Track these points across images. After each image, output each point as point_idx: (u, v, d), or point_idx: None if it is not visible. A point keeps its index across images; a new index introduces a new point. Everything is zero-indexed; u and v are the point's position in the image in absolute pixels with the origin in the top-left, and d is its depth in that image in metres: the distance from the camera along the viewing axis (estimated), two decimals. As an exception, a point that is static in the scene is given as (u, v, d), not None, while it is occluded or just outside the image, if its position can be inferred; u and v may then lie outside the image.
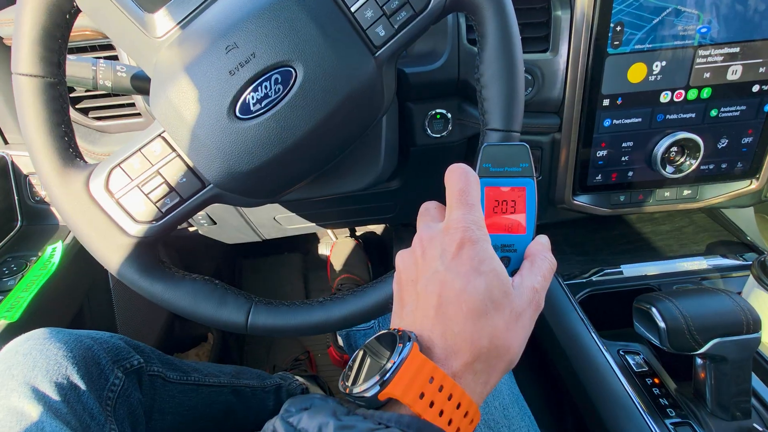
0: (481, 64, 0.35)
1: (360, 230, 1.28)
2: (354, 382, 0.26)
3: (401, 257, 0.30)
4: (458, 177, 0.29)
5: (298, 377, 0.82)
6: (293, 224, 0.83)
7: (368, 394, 0.25)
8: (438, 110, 0.59)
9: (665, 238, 0.67)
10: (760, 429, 0.41)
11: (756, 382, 0.46)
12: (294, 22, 0.33)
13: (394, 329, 0.27)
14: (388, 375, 0.24)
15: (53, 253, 0.55)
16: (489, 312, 0.26)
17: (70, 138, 0.36)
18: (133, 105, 0.57)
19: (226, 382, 0.60)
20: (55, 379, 0.36)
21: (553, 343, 0.55)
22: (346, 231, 1.26)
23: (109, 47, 0.54)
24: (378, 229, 1.30)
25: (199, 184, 0.36)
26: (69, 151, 0.36)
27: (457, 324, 0.26)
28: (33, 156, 0.35)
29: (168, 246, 0.92)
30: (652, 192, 0.60)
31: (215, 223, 0.79)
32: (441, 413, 0.24)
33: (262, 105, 0.33)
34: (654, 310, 0.43)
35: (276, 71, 0.33)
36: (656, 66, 0.51)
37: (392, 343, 0.26)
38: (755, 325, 0.40)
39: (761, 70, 0.51)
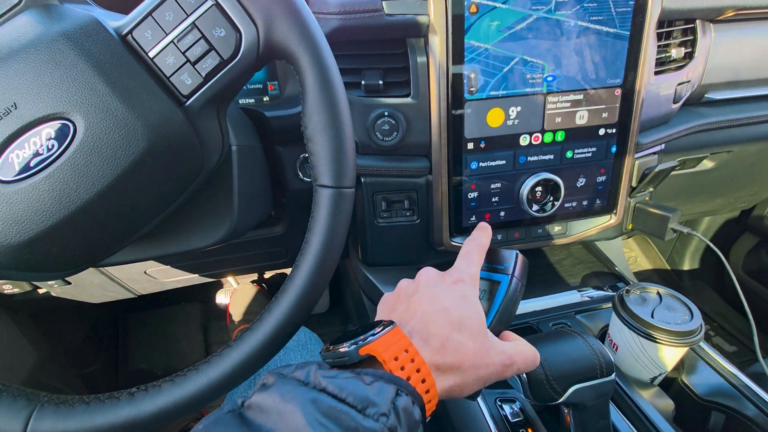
0: (304, 116, 0.32)
1: (269, 273, 1.20)
2: (338, 344, 0.30)
3: (404, 281, 0.38)
4: (476, 235, 0.41)
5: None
6: (171, 277, 0.74)
7: (350, 349, 0.29)
8: (306, 154, 0.56)
9: (546, 272, 0.69)
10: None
11: (618, 419, 0.46)
12: (69, 67, 0.28)
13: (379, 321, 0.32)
14: (370, 338, 0.29)
15: None
16: (463, 331, 0.31)
17: None
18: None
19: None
20: None
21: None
22: (252, 275, 1.18)
23: None
24: (288, 271, 1.23)
25: None
26: None
27: (435, 325, 0.31)
28: None
29: (16, 312, 0.78)
30: (527, 230, 0.61)
31: (69, 283, 0.68)
32: (408, 379, 0.28)
33: (31, 165, 0.28)
34: (516, 359, 0.41)
35: (46, 125, 0.28)
36: (512, 111, 0.53)
37: (377, 325, 0.31)
38: (608, 368, 0.40)
39: (604, 115, 0.55)
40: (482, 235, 0.41)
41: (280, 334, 0.33)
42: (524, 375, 0.40)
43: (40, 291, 0.70)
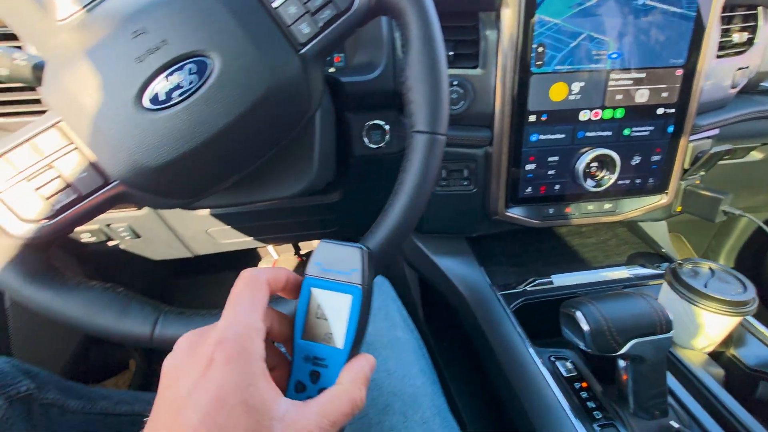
0: (406, 67, 0.35)
1: (305, 246, 1.25)
2: None
3: (168, 358, 0.25)
4: (238, 281, 0.26)
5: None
6: (228, 239, 0.79)
7: None
8: (375, 121, 0.59)
9: (592, 250, 0.71)
10: (676, 426, 0.43)
11: (672, 381, 0.48)
12: (210, 11, 0.31)
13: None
14: None
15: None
16: None
17: None
18: (37, 101, 0.52)
19: (140, 410, 0.53)
20: None
21: (487, 351, 0.55)
22: (290, 247, 1.22)
23: (13, 36, 0.50)
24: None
25: (101, 180, 0.33)
26: None
27: None
28: None
29: (83, 263, 0.83)
30: (578, 205, 0.63)
31: (139, 237, 0.73)
32: None
33: (174, 96, 0.31)
34: (578, 313, 0.44)
35: (190, 61, 0.31)
36: (575, 86, 0.55)
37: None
38: (667, 325, 0.42)
39: (664, 95, 0.57)
40: (244, 275, 0.27)
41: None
42: (588, 326, 0.43)
43: (110, 243, 0.75)
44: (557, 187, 0.61)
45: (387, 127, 0.59)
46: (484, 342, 0.56)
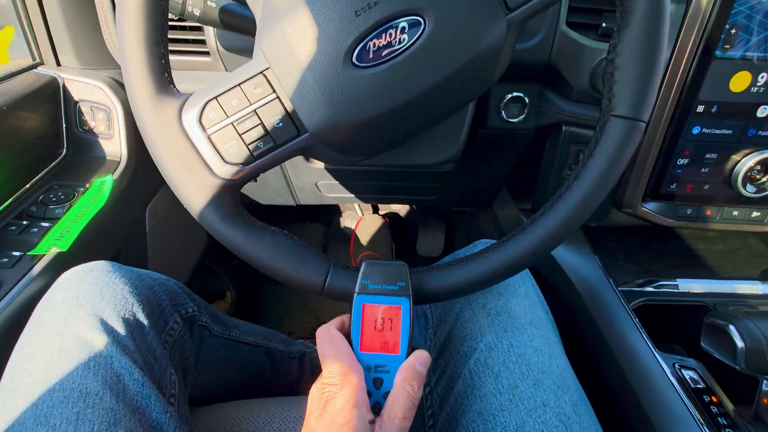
0: (620, 43, 0.32)
1: (383, 209, 1.26)
2: None
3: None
4: (318, 343, 0.34)
5: (318, 347, 0.81)
6: (333, 193, 0.81)
7: None
8: (516, 93, 0.56)
9: (719, 258, 0.66)
10: (822, 462, 0.40)
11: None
12: None
13: None
14: None
15: (102, 185, 0.53)
16: None
17: (166, 62, 0.33)
18: (203, 42, 0.54)
19: (260, 343, 0.58)
20: (122, 314, 0.35)
21: (604, 349, 0.54)
22: (369, 207, 1.24)
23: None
24: (402, 210, 1.27)
25: (295, 131, 0.34)
26: (165, 75, 0.33)
27: None
28: (127, 74, 0.32)
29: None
30: (721, 209, 0.58)
31: (255, 181, 0.76)
32: None
33: (383, 54, 0.31)
34: (732, 327, 0.41)
35: (405, 18, 0.30)
36: (762, 77, 0.48)
37: None
38: (837, 356, 0.39)
39: None
40: (319, 335, 0.35)
41: (541, 246, 0.35)
42: (743, 343, 0.40)
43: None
44: (706, 187, 0.55)
45: (528, 101, 0.56)
46: (600, 339, 0.55)
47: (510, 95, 0.57)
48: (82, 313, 0.33)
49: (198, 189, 0.34)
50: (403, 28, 0.30)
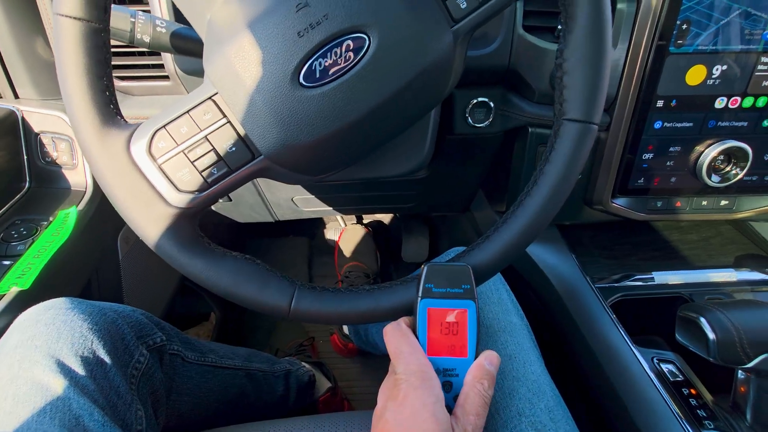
0: (566, 48, 0.32)
1: (367, 218, 1.26)
2: None
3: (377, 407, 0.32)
4: (388, 336, 0.33)
5: (304, 363, 0.80)
6: (310, 207, 0.80)
7: None
8: (480, 98, 0.56)
9: (693, 247, 0.66)
10: (800, 447, 0.41)
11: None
12: None
13: None
14: None
15: (66, 218, 0.52)
16: None
17: (111, 93, 0.33)
18: (161, 66, 0.53)
19: (240, 365, 0.57)
20: (81, 352, 0.34)
21: (583, 347, 0.54)
22: (353, 217, 1.24)
23: None
24: (385, 218, 1.27)
25: (249, 155, 0.33)
26: (110, 107, 0.32)
27: None
28: (71, 110, 0.31)
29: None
30: (690, 200, 0.59)
31: (230, 200, 0.76)
32: None
33: (330, 73, 0.31)
34: (703, 320, 0.41)
35: (349, 37, 0.30)
36: (716, 70, 0.49)
37: None
38: (807, 341, 0.39)
39: (820, 82, 0.50)
40: (391, 331, 0.34)
41: (504, 256, 0.35)
42: (714, 335, 0.40)
43: (202, 204, 0.79)
44: (673, 179, 0.56)
45: (492, 105, 0.57)
46: (579, 337, 0.55)
47: (475, 101, 0.57)
48: (38, 355, 0.32)
49: (152, 220, 0.33)
50: (348, 46, 0.30)
